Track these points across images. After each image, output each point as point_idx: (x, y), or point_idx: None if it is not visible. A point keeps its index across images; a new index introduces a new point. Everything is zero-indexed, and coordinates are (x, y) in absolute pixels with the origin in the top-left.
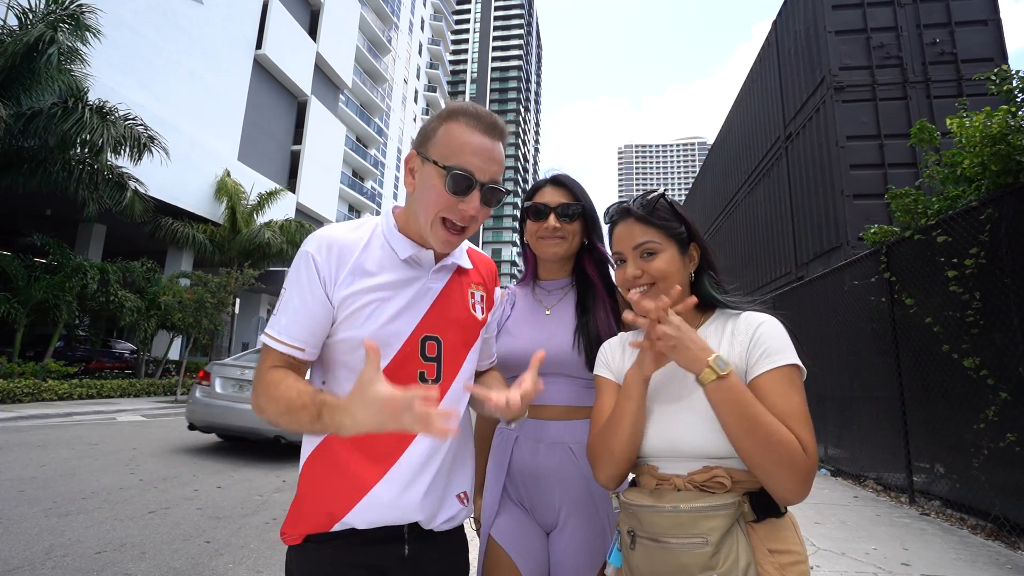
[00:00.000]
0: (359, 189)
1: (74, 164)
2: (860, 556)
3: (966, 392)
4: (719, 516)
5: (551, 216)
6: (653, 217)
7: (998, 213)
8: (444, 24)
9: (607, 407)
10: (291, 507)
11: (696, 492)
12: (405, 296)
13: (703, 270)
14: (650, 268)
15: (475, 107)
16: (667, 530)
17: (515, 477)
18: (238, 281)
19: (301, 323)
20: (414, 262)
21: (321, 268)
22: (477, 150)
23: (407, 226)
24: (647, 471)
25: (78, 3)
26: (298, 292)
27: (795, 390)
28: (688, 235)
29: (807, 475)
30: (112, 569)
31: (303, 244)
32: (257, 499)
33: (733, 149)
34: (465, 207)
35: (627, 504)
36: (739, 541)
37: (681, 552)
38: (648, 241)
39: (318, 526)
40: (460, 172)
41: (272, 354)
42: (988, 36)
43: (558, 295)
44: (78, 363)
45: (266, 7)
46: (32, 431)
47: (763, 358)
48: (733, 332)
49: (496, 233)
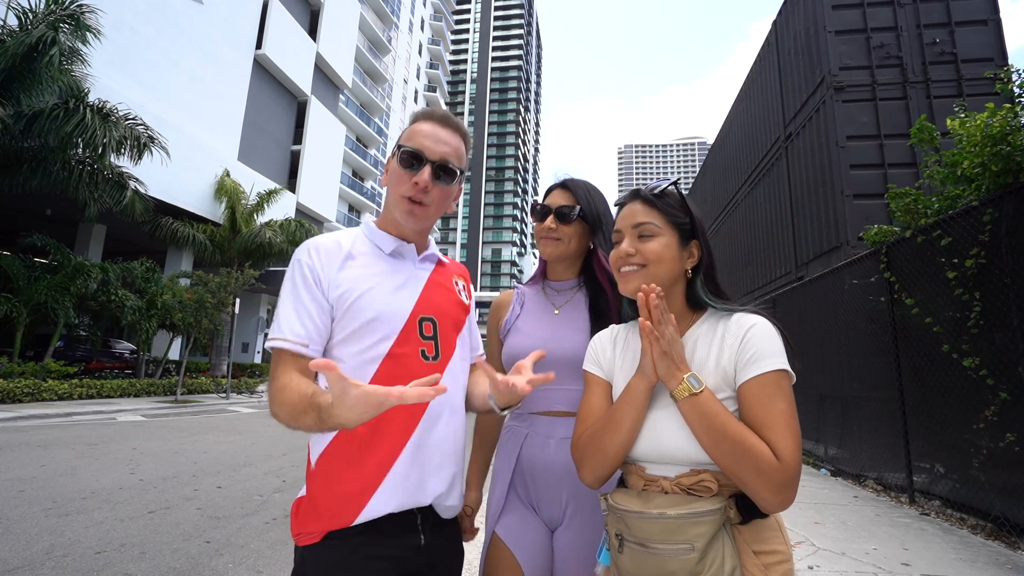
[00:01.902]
0: (359, 189)
1: (74, 164)
2: (860, 556)
3: (966, 392)
4: (705, 522)
5: (549, 217)
6: (659, 201)
7: (998, 213)
8: (444, 24)
9: (594, 405)
10: (302, 507)
11: (683, 496)
12: (396, 281)
13: (700, 271)
14: (644, 249)
15: (432, 108)
16: (654, 536)
17: (524, 473)
18: (238, 281)
19: (303, 321)
20: (398, 254)
21: (314, 269)
22: (426, 134)
23: (388, 227)
24: (635, 472)
25: (78, 3)
26: (295, 296)
27: (780, 396)
28: (692, 230)
29: (782, 484)
30: (112, 569)
31: (297, 251)
32: (257, 499)
33: (733, 149)
34: (417, 179)
35: (615, 508)
36: (725, 545)
37: (668, 558)
38: (648, 222)
39: (340, 521)
40: (408, 148)
41: (281, 356)
42: (988, 36)
43: (567, 295)
44: (78, 363)
45: (266, 7)
46: (32, 431)
47: (750, 363)
48: (724, 334)
49: (496, 233)
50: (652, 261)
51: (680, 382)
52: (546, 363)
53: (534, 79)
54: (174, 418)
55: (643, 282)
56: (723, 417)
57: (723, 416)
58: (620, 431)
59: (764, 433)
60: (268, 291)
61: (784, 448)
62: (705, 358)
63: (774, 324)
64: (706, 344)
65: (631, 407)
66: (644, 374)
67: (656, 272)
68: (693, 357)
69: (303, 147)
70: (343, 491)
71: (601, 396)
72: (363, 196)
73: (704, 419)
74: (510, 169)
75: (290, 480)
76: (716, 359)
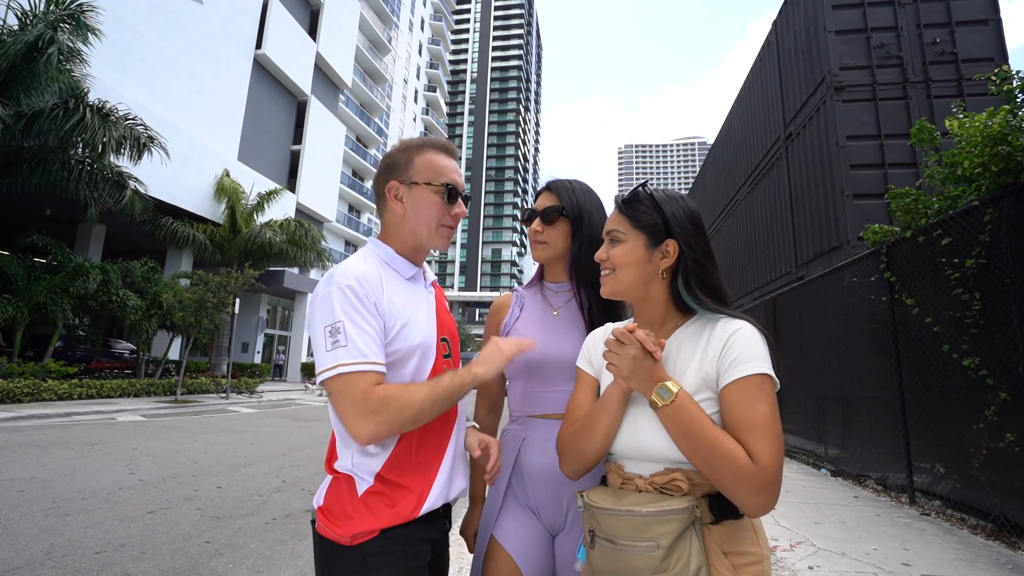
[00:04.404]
0: (359, 189)
1: (74, 164)
2: (860, 556)
3: (966, 392)
4: (672, 520)
5: (535, 221)
6: (627, 207)
7: (998, 213)
8: (444, 24)
9: (582, 401)
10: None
11: (655, 494)
12: (423, 308)
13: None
14: (612, 254)
15: (433, 139)
16: (622, 532)
17: (523, 478)
18: (238, 281)
19: (378, 344)
20: (414, 280)
21: (369, 296)
22: (452, 169)
23: (404, 251)
24: (614, 469)
25: (77, 3)
26: (361, 320)
27: (761, 399)
28: (666, 230)
29: (759, 487)
30: (112, 569)
31: (338, 280)
32: (257, 499)
33: (733, 149)
34: (457, 211)
35: (589, 504)
36: (692, 544)
37: (633, 555)
38: (614, 229)
39: (403, 518)
40: (452, 186)
41: (369, 377)
42: (988, 36)
43: (564, 296)
44: (78, 363)
45: (266, 7)
46: (32, 431)
47: (732, 367)
48: (709, 338)
49: (496, 233)
50: (618, 265)
51: (652, 393)
52: (544, 364)
53: (534, 79)
54: (174, 418)
55: (612, 286)
56: (699, 423)
57: (699, 422)
58: (595, 434)
59: (743, 436)
60: (268, 291)
61: (761, 451)
62: (688, 360)
63: (759, 330)
64: (691, 347)
65: (606, 412)
66: (618, 382)
67: (623, 276)
68: (677, 359)
69: (303, 147)
70: (405, 495)
71: (588, 393)
72: (363, 196)
73: (680, 427)
74: (510, 169)
75: (290, 480)
76: (699, 362)
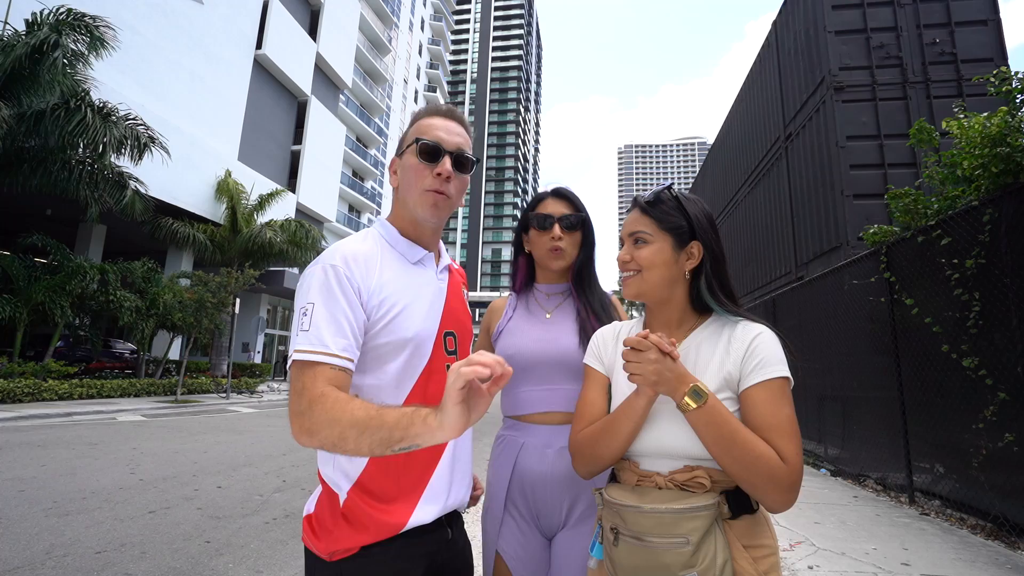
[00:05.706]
0: (359, 189)
1: (75, 164)
2: (860, 556)
3: (965, 392)
4: (700, 517)
5: (555, 226)
6: (652, 208)
7: (998, 213)
8: (444, 24)
9: (593, 400)
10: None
11: (677, 491)
12: (427, 297)
13: (704, 270)
14: (637, 255)
15: (435, 104)
16: (650, 530)
17: (522, 484)
18: (238, 281)
19: (346, 335)
20: (422, 264)
21: (353, 279)
22: (439, 127)
23: (406, 228)
24: (628, 467)
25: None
26: (332, 304)
27: (784, 402)
28: (691, 232)
29: (789, 486)
30: (112, 569)
31: (324, 259)
32: (257, 499)
33: (733, 149)
34: (440, 169)
35: (611, 502)
36: (717, 539)
37: (663, 551)
38: (640, 231)
39: (384, 535)
40: (427, 141)
41: (322, 371)
42: (988, 36)
43: (557, 299)
44: (78, 363)
45: (266, 7)
46: (32, 431)
47: (756, 370)
48: (730, 340)
49: (496, 233)
50: (645, 267)
51: (684, 396)
52: (539, 364)
53: (534, 79)
54: (174, 418)
55: (638, 287)
56: (731, 425)
57: (731, 424)
58: (617, 440)
59: (770, 436)
60: (268, 291)
61: (789, 451)
62: (708, 361)
63: (778, 334)
64: (710, 347)
65: (630, 420)
66: (643, 391)
67: (650, 277)
68: (697, 359)
69: (303, 147)
70: (387, 508)
71: (599, 391)
72: (363, 196)
73: (713, 427)
74: (510, 169)
75: (290, 480)
76: (720, 362)
